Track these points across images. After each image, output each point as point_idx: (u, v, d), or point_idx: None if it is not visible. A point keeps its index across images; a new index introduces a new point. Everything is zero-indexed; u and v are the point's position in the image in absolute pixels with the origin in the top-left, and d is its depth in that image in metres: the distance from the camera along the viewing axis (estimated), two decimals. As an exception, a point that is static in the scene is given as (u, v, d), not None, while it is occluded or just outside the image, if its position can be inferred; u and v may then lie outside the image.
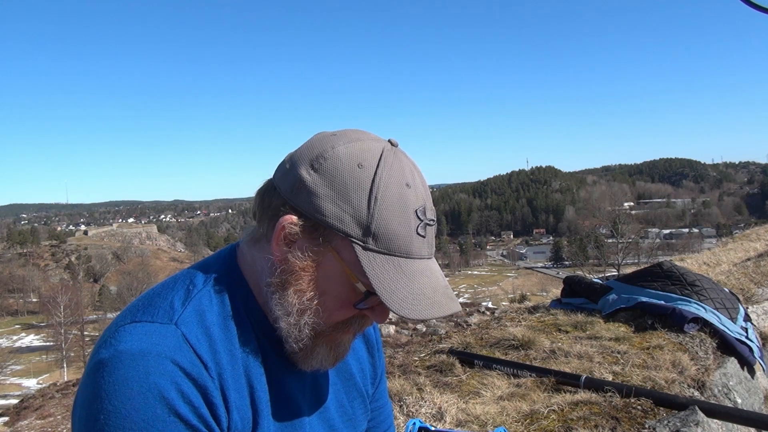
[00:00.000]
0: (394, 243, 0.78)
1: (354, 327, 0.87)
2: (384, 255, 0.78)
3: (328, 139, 0.83)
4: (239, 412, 0.80)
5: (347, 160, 0.79)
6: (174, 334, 0.76)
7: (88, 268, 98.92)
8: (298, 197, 0.80)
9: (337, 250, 0.79)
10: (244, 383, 0.82)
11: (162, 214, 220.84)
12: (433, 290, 0.80)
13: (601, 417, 2.26)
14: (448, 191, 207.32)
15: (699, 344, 3.19)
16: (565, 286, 4.40)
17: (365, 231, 0.77)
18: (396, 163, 0.81)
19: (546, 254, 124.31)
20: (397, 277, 0.78)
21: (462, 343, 3.52)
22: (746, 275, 5.41)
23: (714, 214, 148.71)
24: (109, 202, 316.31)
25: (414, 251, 0.80)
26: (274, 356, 0.86)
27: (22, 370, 48.81)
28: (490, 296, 76.30)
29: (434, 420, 2.43)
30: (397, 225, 0.78)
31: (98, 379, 0.73)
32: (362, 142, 0.82)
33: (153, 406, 0.72)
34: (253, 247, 0.87)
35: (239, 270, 0.88)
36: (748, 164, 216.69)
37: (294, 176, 0.81)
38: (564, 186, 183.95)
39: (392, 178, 0.79)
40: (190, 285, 0.83)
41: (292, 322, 0.82)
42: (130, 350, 0.74)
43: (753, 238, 9.83)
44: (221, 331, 0.81)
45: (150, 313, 0.79)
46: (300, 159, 0.82)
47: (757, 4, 1.93)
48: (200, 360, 0.76)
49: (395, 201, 0.78)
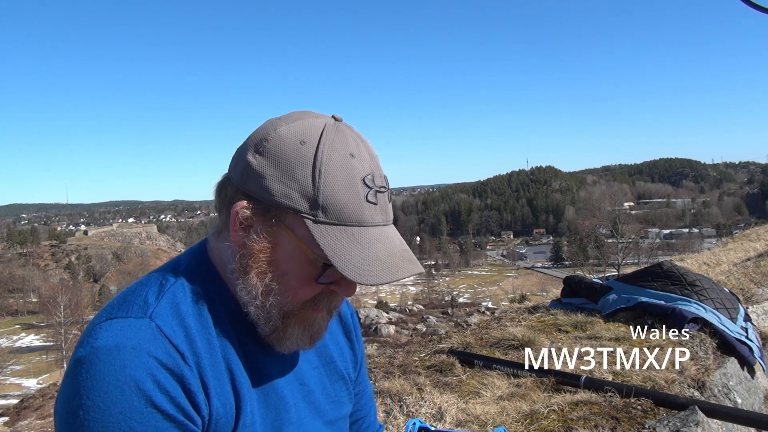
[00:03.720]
0: (344, 213, 0.79)
1: (323, 304, 0.88)
2: (336, 226, 0.79)
3: (272, 122, 0.86)
4: (220, 398, 0.81)
5: (289, 139, 0.81)
6: (148, 327, 0.78)
7: (88, 268, 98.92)
8: (247, 182, 0.82)
9: (290, 228, 0.81)
10: (223, 370, 0.83)
11: (162, 214, 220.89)
12: (389, 254, 0.81)
13: (601, 417, 2.26)
14: (448, 191, 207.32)
15: (699, 344, 3.19)
16: (565, 286, 4.40)
17: (313, 204, 0.79)
18: (338, 136, 0.82)
19: (546, 254, 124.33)
20: (351, 245, 0.79)
21: (462, 343, 3.52)
22: (746, 275, 5.41)
23: (714, 214, 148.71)
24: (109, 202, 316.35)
25: (366, 219, 0.81)
26: (251, 342, 0.88)
27: (22, 370, 48.81)
28: (490, 296, 76.31)
29: (434, 420, 2.43)
30: (345, 195, 0.79)
31: (76, 376, 0.75)
32: (304, 120, 0.83)
33: (130, 398, 0.73)
34: (218, 239, 0.89)
35: (210, 262, 0.90)
36: (748, 164, 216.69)
37: (242, 162, 0.83)
38: (564, 186, 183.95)
39: (335, 150, 0.80)
40: (163, 280, 0.85)
41: (259, 305, 0.83)
42: (106, 345, 0.75)
43: (753, 238, 9.83)
44: (196, 321, 0.82)
45: (125, 309, 0.80)
46: (247, 145, 0.85)
47: (757, 4, 1.94)
48: (176, 349, 0.78)
49: (340, 171, 0.79)
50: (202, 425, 0.79)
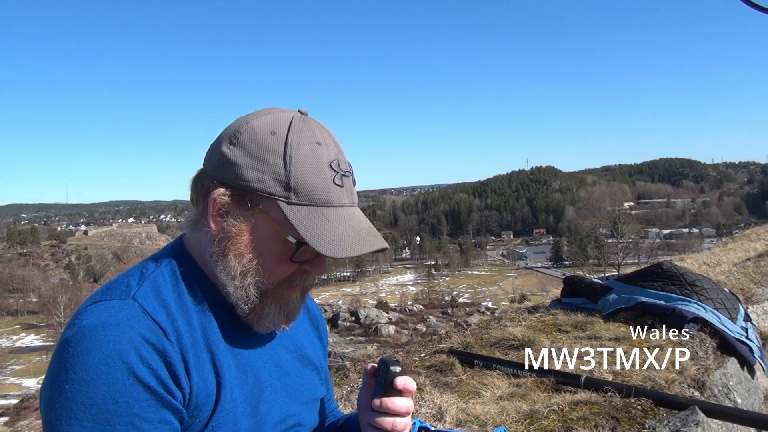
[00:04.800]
0: (314, 194, 0.87)
1: (297, 282, 0.95)
2: (307, 206, 0.87)
3: (243, 117, 0.94)
4: (200, 375, 0.85)
5: (260, 130, 0.89)
6: (131, 306, 0.83)
7: (88, 268, 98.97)
8: (223, 171, 0.89)
9: (265, 210, 0.88)
10: (203, 349, 0.87)
11: (162, 214, 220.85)
12: (357, 230, 0.89)
13: (601, 417, 2.26)
14: (448, 191, 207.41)
15: (699, 344, 3.18)
16: (565, 286, 4.40)
17: (285, 187, 0.86)
18: (305, 127, 0.90)
19: (546, 254, 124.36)
20: (322, 223, 0.87)
21: (462, 343, 3.52)
22: (746, 275, 5.41)
23: (714, 214, 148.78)
24: (109, 202, 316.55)
25: (334, 200, 0.89)
26: (229, 324, 0.93)
27: (22, 370, 48.80)
28: (490, 296, 76.35)
29: (434, 420, 2.43)
30: (314, 178, 0.87)
31: (63, 354, 0.79)
32: (273, 114, 0.92)
33: (114, 370, 0.77)
34: (195, 229, 0.95)
35: (187, 252, 0.95)
36: (748, 164, 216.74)
37: (217, 154, 0.90)
38: (564, 186, 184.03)
39: (303, 139, 0.88)
40: (143, 269, 0.91)
41: (238, 285, 0.89)
42: (92, 323, 0.80)
43: (753, 238, 9.83)
44: (176, 304, 0.87)
45: (109, 293, 0.86)
46: (221, 138, 0.92)
47: (757, 4, 1.93)
48: (158, 326, 0.82)
49: (308, 157, 0.87)
50: (182, 400, 0.83)
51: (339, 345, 12.99)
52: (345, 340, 15.96)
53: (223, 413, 0.87)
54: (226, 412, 0.88)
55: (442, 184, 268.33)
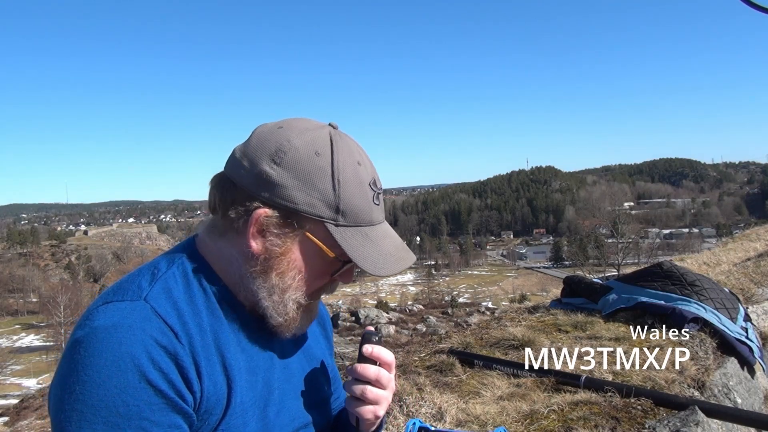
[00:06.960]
0: (360, 216, 0.91)
1: (327, 291, 1.00)
2: (353, 227, 0.90)
3: (280, 133, 0.91)
4: (211, 378, 0.85)
5: (305, 151, 0.88)
6: (143, 308, 0.82)
7: (88, 268, 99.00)
8: (265, 191, 0.88)
9: (310, 231, 0.90)
10: (214, 352, 0.87)
11: (162, 214, 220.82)
12: (396, 248, 0.95)
13: (601, 417, 2.26)
14: (448, 191, 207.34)
15: (699, 344, 3.19)
16: (565, 286, 4.40)
17: (334, 211, 0.89)
18: (344, 146, 0.92)
19: (546, 254, 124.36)
20: (366, 243, 0.91)
21: (462, 343, 3.52)
22: (746, 275, 5.41)
23: (714, 214, 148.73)
24: (109, 202, 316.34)
25: (375, 219, 0.93)
26: (239, 327, 0.93)
27: (22, 370, 48.82)
28: (490, 296, 76.36)
29: (434, 420, 2.43)
30: (359, 200, 0.90)
31: (74, 355, 0.78)
32: (312, 132, 0.91)
33: (125, 373, 0.76)
34: (219, 239, 0.94)
35: (199, 254, 0.95)
36: (748, 164, 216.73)
37: (257, 172, 0.88)
38: (564, 186, 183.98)
39: (347, 160, 0.90)
40: (155, 269, 0.90)
41: (277, 300, 0.91)
42: (103, 325, 0.79)
43: (753, 238, 9.83)
44: (188, 306, 0.87)
45: (120, 294, 0.85)
46: (258, 156, 0.89)
47: (757, 4, 1.93)
48: (170, 329, 0.82)
49: (353, 180, 0.90)
50: (193, 403, 0.83)
51: (339, 345, 13.00)
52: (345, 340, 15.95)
53: (233, 417, 0.87)
54: (236, 416, 0.88)
55: (442, 184, 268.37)
